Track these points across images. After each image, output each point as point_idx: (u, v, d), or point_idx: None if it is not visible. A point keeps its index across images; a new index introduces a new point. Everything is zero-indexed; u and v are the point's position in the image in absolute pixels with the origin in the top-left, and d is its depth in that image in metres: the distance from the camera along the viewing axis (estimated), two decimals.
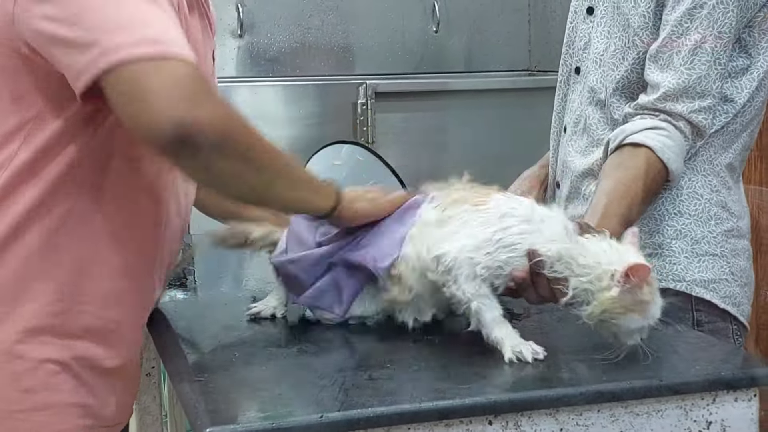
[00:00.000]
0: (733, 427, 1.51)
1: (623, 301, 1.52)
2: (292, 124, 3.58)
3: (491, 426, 1.42)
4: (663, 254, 1.97)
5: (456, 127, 3.81)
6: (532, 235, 1.58)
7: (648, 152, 1.88)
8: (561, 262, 1.56)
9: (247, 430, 1.31)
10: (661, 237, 1.98)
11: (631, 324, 1.54)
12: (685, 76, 1.89)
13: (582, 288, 1.55)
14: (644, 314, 1.54)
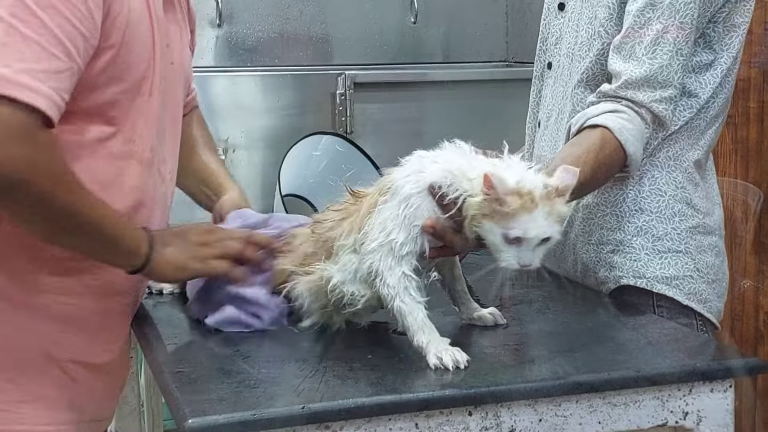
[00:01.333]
0: (709, 418, 1.53)
1: (484, 208, 1.50)
2: (271, 114, 3.57)
3: (471, 417, 1.43)
4: (624, 251, 1.98)
5: (434, 117, 3.82)
6: (422, 175, 1.56)
7: (605, 131, 1.87)
8: (455, 182, 1.54)
9: (229, 421, 1.32)
10: (622, 234, 1.98)
11: (490, 234, 1.51)
12: (647, 65, 1.89)
13: (463, 198, 1.53)
14: (504, 225, 1.49)
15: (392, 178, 1.61)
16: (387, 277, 1.56)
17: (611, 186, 1.97)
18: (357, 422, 1.38)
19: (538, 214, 1.50)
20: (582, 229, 2.02)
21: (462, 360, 1.51)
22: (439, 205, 1.55)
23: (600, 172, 1.85)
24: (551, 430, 1.46)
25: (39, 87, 1.42)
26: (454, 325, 1.73)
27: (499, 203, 1.48)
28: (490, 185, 1.48)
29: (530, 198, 1.49)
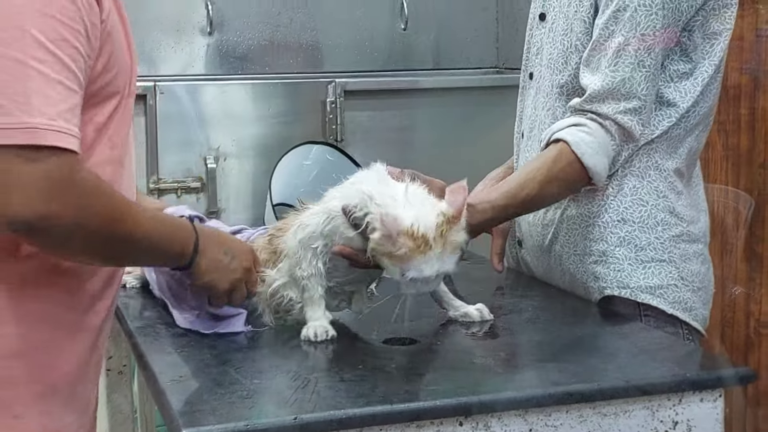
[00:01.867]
0: (699, 427, 1.54)
1: (383, 247, 1.61)
2: (262, 123, 3.57)
3: (462, 427, 1.43)
4: (607, 261, 1.98)
5: (424, 125, 3.82)
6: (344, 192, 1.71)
7: (563, 145, 1.92)
8: (363, 203, 1.65)
9: (222, 431, 1.32)
10: (605, 244, 1.99)
11: (390, 270, 1.64)
12: (609, 78, 1.90)
13: (371, 226, 1.64)
14: (401, 266, 1.60)
15: (329, 194, 1.76)
16: (302, 263, 1.73)
17: (593, 197, 1.98)
18: None
19: (432, 255, 1.60)
20: (566, 240, 2.03)
21: (320, 334, 1.69)
22: (350, 225, 1.68)
23: (552, 186, 1.92)
24: None
25: (71, 129, 1.40)
26: (443, 335, 1.73)
27: (393, 244, 1.59)
28: (385, 226, 1.59)
29: (424, 240, 1.59)
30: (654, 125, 1.96)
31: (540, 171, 1.91)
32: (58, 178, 1.39)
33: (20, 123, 1.36)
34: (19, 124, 1.36)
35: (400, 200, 1.63)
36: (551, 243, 2.06)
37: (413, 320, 1.79)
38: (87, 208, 1.44)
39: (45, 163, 1.37)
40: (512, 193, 1.92)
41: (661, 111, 1.96)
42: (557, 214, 2.04)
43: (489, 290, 2.12)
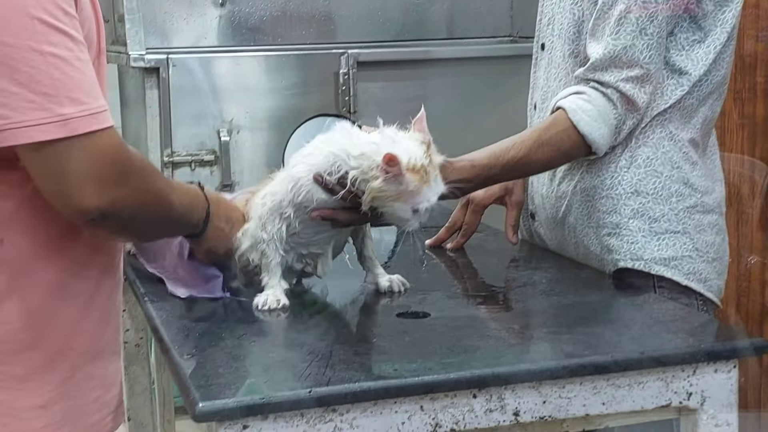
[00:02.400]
0: (713, 398, 1.54)
1: (388, 191, 1.63)
2: (275, 95, 3.57)
3: (476, 399, 1.44)
4: (621, 234, 1.98)
5: (438, 96, 3.81)
6: (310, 158, 1.71)
7: (560, 113, 1.92)
8: (338, 162, 1.66)
9: (238, 405, 1.33)
10: (618, 216, 1.98)
11: (399, 212, 1.66)
12: (611, 46, 1.90)
13: (360, 179, 1.65)
14: (412, 201, 1.65)
15: (292, 160, 1.77)
16: (268, 226, 1.74)
17: (605, 169, 1.97)
18: (363, 405, 1.39)
19: (433, 182, 1.65)
20: (580, 212, 2.02)
21: (271, 303, 1.71)
22: (326, 191, 1.69)
23: (543, 150, 1.92)
24: (555, 411, 1.48)
25: (101, 105, 1.39)
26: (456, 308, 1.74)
27: (400, 183, 1.62)
28: (393, 165, 1.60)
29: (423, 170, 1.63)
30: (667, 95, 1.95)
31: (531, 135, 1.93)
32: (111, 160, 1.39)
33: (56, 116, 1.34)
34: (56, 118, 1.34)
35: (384, 143, 1.64)
36: (564, 215, 2.06)
37: (427, 292, 1.80)
38: (145, 185, 1.47)
39: (95, 149, 1.37)
40: (497, 153, 1.92)
41: (673, 80, 1.95)
42: (570, 186, 2.03)
43: (503, 262, 2.12)
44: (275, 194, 1.75)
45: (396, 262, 2.09)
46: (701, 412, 1.54)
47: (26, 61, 1.33)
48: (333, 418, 1.38)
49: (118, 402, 1.65)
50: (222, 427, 1.33)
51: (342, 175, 1.66)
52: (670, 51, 1.94)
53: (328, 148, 1.69)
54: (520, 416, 1.46)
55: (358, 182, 1.65)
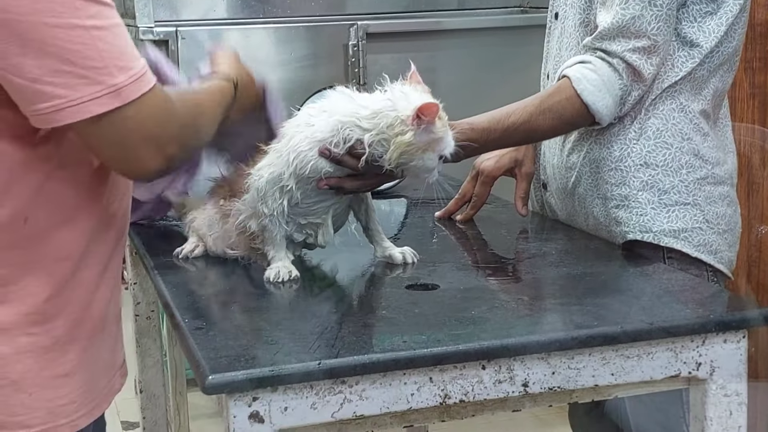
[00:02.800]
0: (723, 368, 1.55)
1: (419, 142, 1.62)
2: (284, 67, 3.57)
3: (485, 370, 1.45)
4: (630, 206, 1.97)
5: (449, 67, 3.81)
6: (311, 129, 1.68)
7: (564, 81, 1.92)
8: (347, 129, 1.65)
9: (248, 377, 1.34)
10: (627, 189, 1.97)
11: (428, 162, 1.65)
12: (620, 15, 1.88)
13: (376, 141, 1.63)
14: (439, 149, 1.64)
15: (284, 130, 1.74)
16: (268, 200, 1.72)
17: (614, 140, 1.97)
18: (372, 377, 1.40)
19: (447, 125, 1.65)
20: (590, 183, 2.02)
21: (283, 275, 1.71)
22: (334, 162, 1.68)
23: (545, 117, 1.92)
24: (564, 382, 1.48)
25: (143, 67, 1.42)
26: (465, 279, 1.74)
27: (430, 131, 1.61)
28: (428, 113, 1.59)
29: (442, 116, 1.63)
30: (677, 66, 1.94)
31: (533, 102, 1.92)
32: (162, 119, 1.44)
33: (109, 87, 1.36)
34: (109, 89, 1.36)
35: (397, 97, 1.63)
36: (574, 186, 2.05)
37: (436, 264, 1.81)
38: (195, 128, 1.56)
39: (147, 111, 1.41)
40: (497, 118, 1.91)
41: (684, 51, 1.94)
42: (579, 157, 2.03)
43: (513, 234, 2.12)
44: (273, 166, 1.72)
45: (405, 234, 2.09)
46: (710, 383, 1.54)
47: (73, 39, 1.34)
48: (342, 389, 1.39)
49: (122, 359, 1.69)
50: (232, 400, 1.34)
51: (352, 143, 1.65)
52: (682, 23, 1.92)
53: (332, 117, 1.67)
54: (529, 387, 1.47)
55: (374, 144, 1.64)
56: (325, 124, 1.67)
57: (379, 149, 1.64)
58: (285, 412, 1.36)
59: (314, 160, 1.68)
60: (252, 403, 1.35)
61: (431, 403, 1.43)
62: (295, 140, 1.69)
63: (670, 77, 1.94)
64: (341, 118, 1.65)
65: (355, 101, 1.67)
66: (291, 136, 1.71)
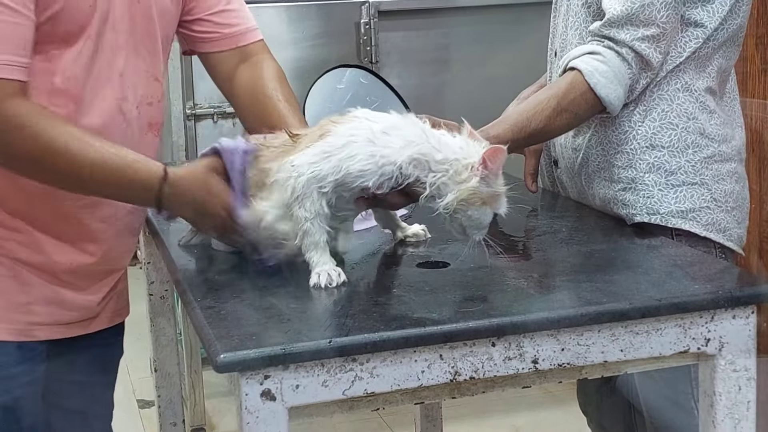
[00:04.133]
0: (731, 344, 1.55)
1: (481, 192, 1.59)
2: (296, 46, 3.57)
3: (494, 347, 1.46)
4: (636, 188, 1.97)
5: (460, 44, 3.80)
6: (382, 150, 1.61)
7: (576, 75, 1.91)
8: (415, 165, 1.60)
9: (259, 356, 1.36)
10: (634, 171, 1.97)
11: (483, 216, 1.62)
12: (629, 3, 1.88)
13: (439, 182, 1.60)
14: (495, 206, 1.62)
15: (337, 130, 1.64)
16: (306, 202, 1.62)
17: (620, 123, 1.97)
18: (383, 355, 1.41)
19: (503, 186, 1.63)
20: (596, 165, 2.02)
21: (335, 279, 1.60)
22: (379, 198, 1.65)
23: (562, 117, 1.91)
24: (574, 359, 1.49)
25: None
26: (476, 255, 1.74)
27: (491, 183, 1.59)
28: (495, 159, 1.58)
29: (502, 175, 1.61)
30: (681, 47, 1.94)
31: (550, 103, 1.91)
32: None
33: None
34: None
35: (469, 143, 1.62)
36: (581, 167, 2.06)
37: (447, 242, 1.81)
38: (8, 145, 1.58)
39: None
40: (519, 126, 1.91)
41: (688, 32, 1.93)
42: (585, 139, 2.03)
43: (523, 211, 2.12)
44: (316, 166, 1.62)
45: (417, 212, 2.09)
46: (719, 358, 1.55)
47: None
48: (353, 367, 1.40)
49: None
50: (243, 378, 1.35)
51: (411, 181, 1.61)
52: (686, 5, 1.92)
53: (404, 147, 1.60)
54: (539, 364, 1.48)
55: (435, 186, 1.60)
56: (393, 152, 1.60)
57: (437, 192, 1.61)
58: (296, 390, 1.37)
59: (366, 179, 1.61)
60: (264, 381, 1.36)
61: (441, 380, 1.44)
62: (354, 150, 1.61)
63: (675, 59, 1.94)
64: (414, 154, 1.60)
65: (428, 139, 1.61)
66: (347, 141, 1.62)
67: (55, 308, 1.77)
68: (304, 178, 1.62)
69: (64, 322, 1.78)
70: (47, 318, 1.76)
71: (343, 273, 1.63)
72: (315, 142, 1.65)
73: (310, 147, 1.64)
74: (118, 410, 1.96)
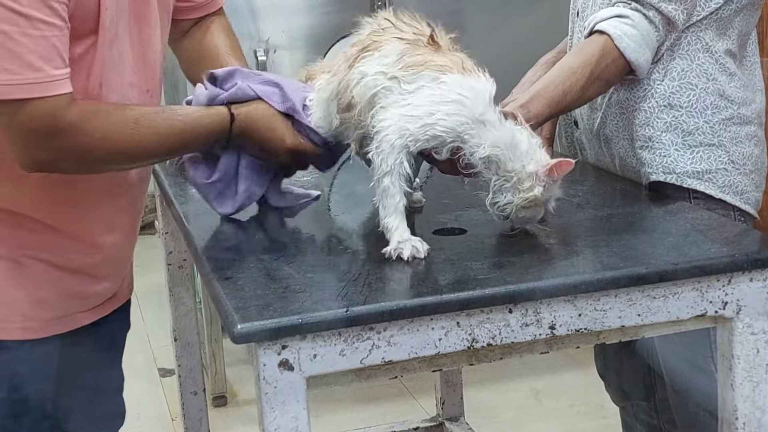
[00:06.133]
0: (749, 306, 1.55)
1: (542, 198, 1.61)
2: (311, 13, 3.55)
3: (511, 314, 1.46)
4: (653, 147, 1.97)
5: (476, 7, 3.77)
6: (472, 132, 1.58)
7: (606, 40, 1.89)
8: (488, 162, 1.59)
9: (277, 326, 1.36)
10: (651, 130, 1.97)
11: (536, 215, 1.64)
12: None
13: (502, 185, 1.60)
14: (549, 205, 1.64)
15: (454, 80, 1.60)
16: (388, 152, 1.57)
17: (639, 81, 1.96)
18: (400, 323, 1.41)
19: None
20: (615, 125, 2.02)
21: (422, 250, 1.56)
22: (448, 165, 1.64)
23: (595, 86, 1.90)
24: (591, 324, 1.49)
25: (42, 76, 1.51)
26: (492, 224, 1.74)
27: (553, 189, 1.62)
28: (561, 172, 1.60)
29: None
30: (700, 6, 1.92)
31: (584, 72, 1.88)
32: (34, 127, 1.53)
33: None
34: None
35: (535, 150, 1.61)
36: (600, 127, 2.05)
37: (463, 209, 1.81)
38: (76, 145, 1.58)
39: (21, 116, 1.52)
40: (557, 100, 1.87)
41: None
42: (605, 98, 2.02)
43: None
44: (406, 130, 1.57)
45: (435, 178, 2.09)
46: (737, 321, 1.55)
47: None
48: (371, 336, 1.40)
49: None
50: (261, 348, 1.36)
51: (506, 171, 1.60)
52: None
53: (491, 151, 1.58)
54: (556, 330, 1.48)
55: (497, 187, 1.60)
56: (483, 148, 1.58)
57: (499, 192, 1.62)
58: (314, 360, 1.38)
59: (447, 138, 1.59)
60: (281, 351, 1.37)
61: (459, 347, 1.45)
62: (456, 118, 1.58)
63: (693, 16, 1.92)
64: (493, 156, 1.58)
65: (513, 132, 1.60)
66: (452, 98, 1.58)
67: (74, 300, 1.76)
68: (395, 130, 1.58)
69: (81, 310, 1.78)
70: (65, 311, 1.75)
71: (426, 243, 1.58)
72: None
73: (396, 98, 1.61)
74: (139, 379, 1.97)
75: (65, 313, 1.75)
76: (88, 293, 1.78)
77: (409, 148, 1.58)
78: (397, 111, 1.59)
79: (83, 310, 1.78)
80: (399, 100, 1.60)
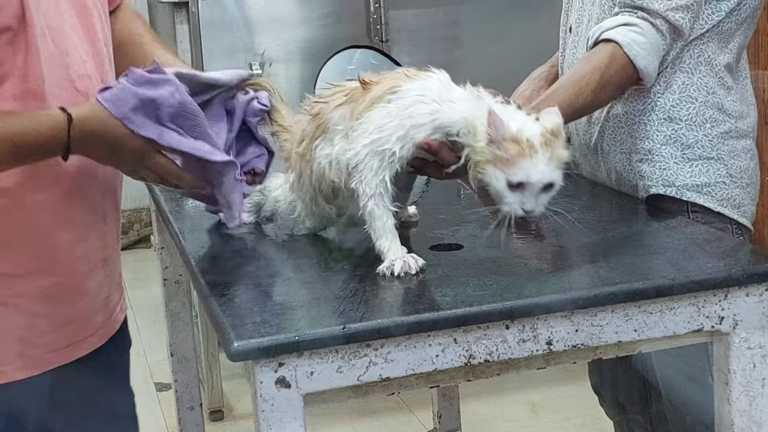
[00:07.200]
0: (745, 321, 1.55)
1: (487, 154, 1.55)
2: (307, 26, 3.55)
3: (508, 330, 1.46)
4: (653, 160, 1.97)
5: (471, 21, 3.77)
6: (442, 113, 1.59)
7: (615, 47, 1.88)
8: (466, 131, 1.58)
9: (273, 343, 1.36)
10: (651, 143, 1.97)
11: (494, 180, 1.55)
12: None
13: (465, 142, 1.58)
14: (507, 171, 1.54)
15: (405, 88, 1.61)
16: (368, 176, 1.58)
17: (639, 95, 1.96)
18: (397, 340, 1.41)
19: (540, 160, 1.54)
20: (613, 138, 2.02)
21: (414, 266, 1.56)
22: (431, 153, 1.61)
23: (605, 91, 1.88)
24: (588, 339, 1.49)
25: None
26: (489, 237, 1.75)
27: (498, 147, 1.53)
28: (492, 125, 1.52)
29: (529, 145, 1.53)
30: (703, 19, 1.93)
31: (594, 76, 1.87)
32: None
33: None
34: None
35: (506, 112, 1.57)
36: (597, 141, 2.05)
37: (459, 224, 1.81)
38: None
39: None
40: (568, 103, 1.85)
41: (711, 4, 1.93)
42: (603, 112, 2.03)
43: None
44: (380, 131, 1.58)
45: (431, 193, 2.09)
46: (733, 336, 1.55)
47: None
48: (368, 353, 1.40)
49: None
50: (258, 366, 1.36)
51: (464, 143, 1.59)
52: None
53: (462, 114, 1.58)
54: (553, 345, 1.48)
55: (472, 152, 1.58)
56: (455, 117, 1.58)
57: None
58: (311, 377, 1.38)
59: (428, 133, 1.59)
60: (278, 369, 1.36)
61: (456, 363, 1.45)
62: (418, 113, 1.59)
63: (695, 31, 1.93)
64: (467, 117, 1.57)
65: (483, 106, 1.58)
66: (410, 103, 1.59)
67: (75, 326, 1.71)
68: (365, 146, 1.58)
69: (76, 340, 1.72)
70: (66, 341, 1.70)
71: (421, 258, 1.59)
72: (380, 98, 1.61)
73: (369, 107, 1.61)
74: (136, 393, 1.96)
75: (61, 345, 1.69)
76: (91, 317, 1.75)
77: (394, 166, 1.59)
78: (363, 140, 1.59)
79: (78, 340, 1.72)
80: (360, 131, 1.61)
